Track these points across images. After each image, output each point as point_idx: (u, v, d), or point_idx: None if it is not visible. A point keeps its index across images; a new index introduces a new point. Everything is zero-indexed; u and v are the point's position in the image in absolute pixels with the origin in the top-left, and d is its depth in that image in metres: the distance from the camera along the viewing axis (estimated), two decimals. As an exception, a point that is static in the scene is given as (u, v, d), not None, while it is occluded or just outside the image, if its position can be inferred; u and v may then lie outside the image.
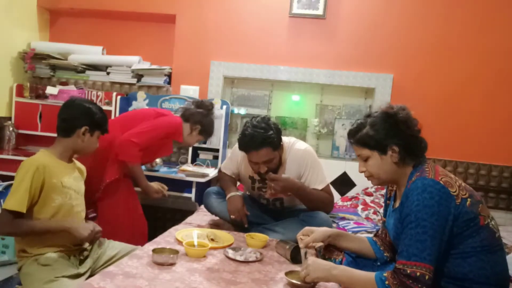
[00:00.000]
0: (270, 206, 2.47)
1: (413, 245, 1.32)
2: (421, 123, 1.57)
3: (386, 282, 1.33)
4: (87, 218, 2.08)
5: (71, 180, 1.86)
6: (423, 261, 1.29)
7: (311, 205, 2.25)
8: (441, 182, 1.37)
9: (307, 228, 1.75)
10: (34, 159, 1.78)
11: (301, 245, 1.68)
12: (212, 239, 1.99)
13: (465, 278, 1.35)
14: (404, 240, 1.35)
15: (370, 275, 1.39)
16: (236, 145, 2.32)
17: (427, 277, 1.29)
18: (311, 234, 1.70)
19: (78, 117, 1.86)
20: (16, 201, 1.67)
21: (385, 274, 1.35)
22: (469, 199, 1.37)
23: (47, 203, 1.74)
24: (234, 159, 2.47)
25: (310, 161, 2.26)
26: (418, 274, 1.29)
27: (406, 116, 1.49)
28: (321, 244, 1.71)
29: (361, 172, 1.57)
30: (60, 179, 1.79)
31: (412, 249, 1.31)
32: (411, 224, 1.34)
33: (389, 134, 1.48)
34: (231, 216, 2.28)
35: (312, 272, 1.46)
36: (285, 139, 2.32)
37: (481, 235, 1.36)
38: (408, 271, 1.29)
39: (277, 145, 2.16)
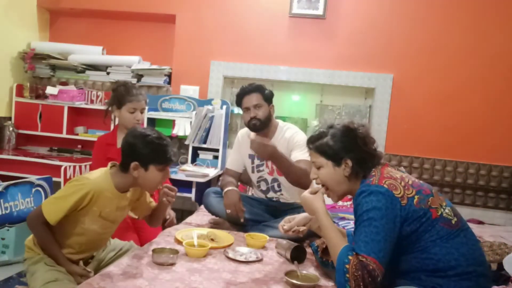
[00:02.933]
0: (269, 195, 2.51)
1: (370, 242, 1.34)
2: (421, 123, 1.60)
3: (347, 266, 1.33)
4: None
5: (113, 211, 1.75)
6: (380, 262, 1.32)
7: (291, 176, 2.28)
8: (384, 185, 1.42)
9: (288, 217, 1.84)
10: (93, 182, 1.68)
11: (282, 231, 1.79)
12: (212, 239, 1.99)
13: (437, 268, 1.37)
14: (360, 235, 1.38)
15: (340, 244, 1.43)
16: (237, 137, 2.62)
17: (379, 279, 1.32)
18: (293, 221, 1.79)
19: (128, 152, 1.72)
20: (52, 211, 1.64)
21: (350, 257, 1.35)
22: (416, 196, 1.41)
23: (76, 223, 1.70)
24: (235, 145, 2.64)
25: (300, 140, 2.39)
26: (377, 274, 1.31)
27: (365, 133, 1.56)
28: (303, 228, 1.80)
29: (313, 179, 1.65)
30: (101, 209, 1.70)
31: (370, 246, 1.34)
32: (364, 222, 1.38)
33: (346, 147, 1.54)
34: (227, 211, 2.29)
35: (304, 205, 1.64)
36: (281, 123, 2.52)
37: (436, 227, 1.39)
38: (370, 268, 1.31)
39: (267, 97, 2.44)
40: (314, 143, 1.62)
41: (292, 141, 2.40)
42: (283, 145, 2.41)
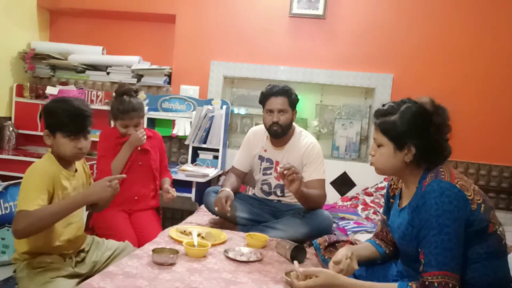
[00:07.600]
0: (270, 197, 2.52)
1: (442, 253, 1.25)
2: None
3: None
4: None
5: (69, 192, 1.72)
6: (453, 271, 1.25)
7: (307, 204, 2.28)
8: (457, 185, 1.31)
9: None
10: (42, 168, 1.66)
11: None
12: (202, 237, 1.99)
13: (465, 283, 1.32)
14: (429, 248, 1.28)
15: (392, 286, 1.32)
16: (248, 136, 2.59)
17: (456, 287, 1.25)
18: (339, 256, 1.52)
19: (44, 120, 1.71)
20: (30, 198, 1.54)
21: (409, 284, 1.29)
22: (483, 205, 1.32)
23: None
24: (245, 143, 2.60)
25: (315, 155, 2.39)
26: (450, 285, 1.24)
27: (442, 120, 1.41)
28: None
29: (371, 155, 1.50)
30: (58, 191, 1.67)
31: (441, 257, 1.25)
32: (434, 231, 1.27)
33: (414, 132, 1.39)
34: (215, 208, 2.31)
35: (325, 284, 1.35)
36: (297, 127, 2.51)
37: (488, 242, 1.32)
38: (436, 284, 1.24)
39: (293, 102, 2.37)
40: (380, 118, 1.43)
41: (307, 153, 2.36)
42: (298, 152, 2.40)
